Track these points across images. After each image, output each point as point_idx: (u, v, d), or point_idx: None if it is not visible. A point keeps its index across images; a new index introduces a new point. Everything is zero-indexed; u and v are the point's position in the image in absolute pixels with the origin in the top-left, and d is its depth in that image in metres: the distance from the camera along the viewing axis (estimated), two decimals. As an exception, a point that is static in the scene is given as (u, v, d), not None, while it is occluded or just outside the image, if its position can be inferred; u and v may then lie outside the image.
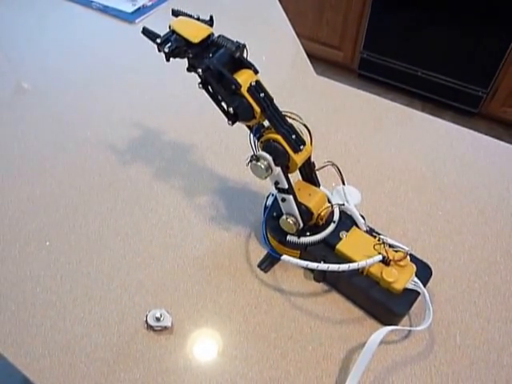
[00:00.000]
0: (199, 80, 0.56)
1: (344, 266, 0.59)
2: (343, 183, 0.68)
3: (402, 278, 0.60)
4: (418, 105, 2.52)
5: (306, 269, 0.68)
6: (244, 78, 0.54)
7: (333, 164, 0.66)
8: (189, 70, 0.56)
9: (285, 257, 0.61)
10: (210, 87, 0.57)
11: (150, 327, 0.61)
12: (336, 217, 0.67)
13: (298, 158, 0.58)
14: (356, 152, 0.87)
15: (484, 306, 0.66)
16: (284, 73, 1.08)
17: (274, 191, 0.69)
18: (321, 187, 0.67)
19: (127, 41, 1.20)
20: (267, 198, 0.71)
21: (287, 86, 1.02)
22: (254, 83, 0.55)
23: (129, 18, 1.25)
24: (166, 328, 0.62)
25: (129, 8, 1.28)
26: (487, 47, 2.08)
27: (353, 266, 0.59)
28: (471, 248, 0.73)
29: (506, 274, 0.69)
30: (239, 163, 0.85)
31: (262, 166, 0.56)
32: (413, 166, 0.84)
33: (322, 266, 0.59)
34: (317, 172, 0.66)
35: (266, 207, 0.70)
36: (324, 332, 0.63)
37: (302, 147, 0.58)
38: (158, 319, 0.61)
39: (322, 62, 2.67)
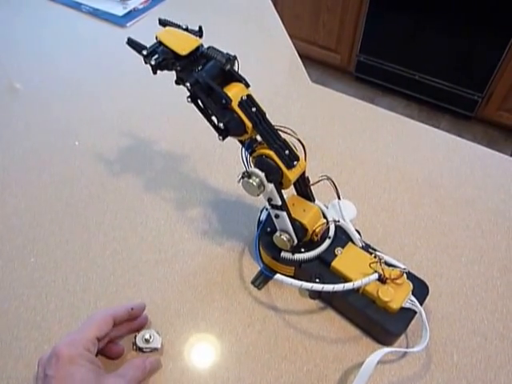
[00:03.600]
0: (188, 94, 0.54)
1: (339, 287, 0.57)
2: (338, 198, 0.67)
3: (398, 296, 0.58)
4: (415, 108, 2.51)
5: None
6: (235, 92, 0.52)
7: (328, 178, 0.64)
8: (177, 82, 0.54)
9: (278, 276, 0.59)
10: (199, 101, 0.54)
11: (138, 349, 0.59)
12: (331, 232, 0.65)
13: (292, 175, 0.56)
14: (352, 163, 0.85)
15: (481, 323, 0.64)
16: (278, 80, 1.06)
17: (268, 206, 0.68)
18: (316, 201, 0.65)
19: (118, 45, 1.16)
20: (261, 212, 0.69)
21: (282, 94, 1.00)
22: (245, 97, 0.53)
23: (120, 21, 1.23)
24: (155, 349, 0.59)
25: (120, 11, 1.26)
26: (483, 52, 2.08)
27: (348, 285, 0.57)
28: (468, 263, 0.71)
29: (503, 289, 0.68)
30: (233, 174, 0.82)
31: (254, 184, 0.54)
32: (409, 177, 0.83)
33: (317, 287, 0.57)
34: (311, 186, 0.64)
35: (259, 222, 0.68)
36: (319, 352, 0.61)
37: (295, 163, 0.56)
38: (147, 341, 0.59)
39: (319, 65, 2.67)
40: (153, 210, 0.77)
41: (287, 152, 0.55)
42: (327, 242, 0.64)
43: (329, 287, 0.56)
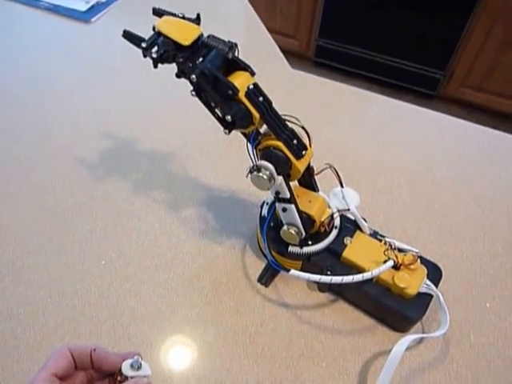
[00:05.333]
0: (188, 86, 0.50)
1: (358, 277, 0.55)
2: (341, 185, 0.65)
3: (414, 282, 0.57)
4: (377, 90, 2.53)
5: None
6: (240, 82, 0.49)
7: (330, 166, 0.62)
8: (178, 76, 0.50)
9: (294, 272, 0.56)
10: (203, 94, 0.51)
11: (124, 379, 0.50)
12: (337, 222, 0.63)
13: (301, 165, 0.54)
14: (343, 149, 0.83)
15: (493, 301, 0.64)
16: (257, 68, 1.03)
17: (269, 199, 0.65)
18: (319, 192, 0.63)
19: (84, 42, 1.11)
20: (261, 207, 0.66)
21: (262, 82, 0.96)
22: (251, 86, 0.50)
23: (83, 17, 1.16)
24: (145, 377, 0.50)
25: (82, 6, 1.19)
26: (443, 30, 2.10)
27: (367, 275, 0.55)
28: (472, 241, 0.71)
29: (510, 266, 0.68)
30: (223, 170, 0.80)
31: (265, 177, 0.51)
32: (403, 159, 0.82)
33: (336, 279, 0.55)
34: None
35: (262, 217, 0.65)
36: (336, 345, 0.60)
37: (304, 153, 0.54)
38: (133, 368, 0.48)
39: (277, 52, 2.63)
40: (145, 214, 0.73)
41: (295, 142, 0.53)
42: (334, 233, 0.63)
43: (348, 278, 0.55)
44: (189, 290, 0.64)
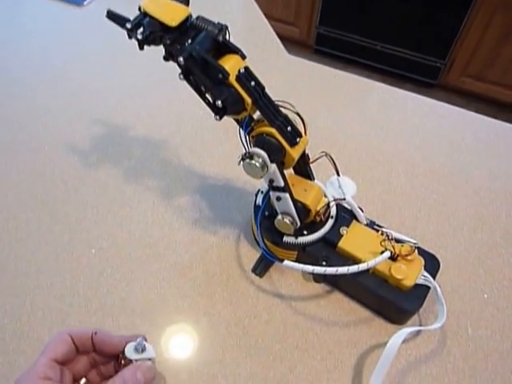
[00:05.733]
0: (179, 70, 0.48)
1: (353, 268, 0.54)
2: (338, 174, 0.63)
3: (411, 273, 0.56)
4: (377, 78, 2.50)
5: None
6: (231, 65, 0.47)
7: (326, 154, 0.60)
8: (166, 58, 0.48)
9: (287, 263, 0.55)
10: (192, 78, 0.49)
11: (129, 362, 0.49)
12: (333, 212, 0.62)
13: (295, 152, 0.52)
14: (341, 137, 0.82)
15: (491, 293, 0.63)
16: (254, 54, 1.01)
17: (264, 188, 0.64)
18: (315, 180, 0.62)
19: (78, 26, 1.09)
20: (256, 195, 0.64)
21: (259, 69, 0.94)
22: (242, 70, 0.48)
23: (76, 0, 1.13)
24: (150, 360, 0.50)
25: (74, -10, 1.16)
26: (444, 18, 2.08)
27: (362, 266, 0.54)
28: (470, 231, 0.69)
29: (509, 256, 0.67)
30: (218, 157, 0.78)
31: (257, 164, 0.50)
32: (401, 148, 0.80)
33: (331, 270, 0.53)
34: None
35: (256, 206, 0.63)
36: (331, 338, 0.58)
37: (298, 140, 0.52)
38: (137, 351, 0.48)
39: (276, 40, 2.60)
40: (137, 202, 0.71)
41: (289, 129, 0.51)
42: (330, 222, 0.61)
43: (343, 270, 0.53)
44: (181, 281, 0.63)
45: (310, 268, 0.54)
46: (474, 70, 2.21)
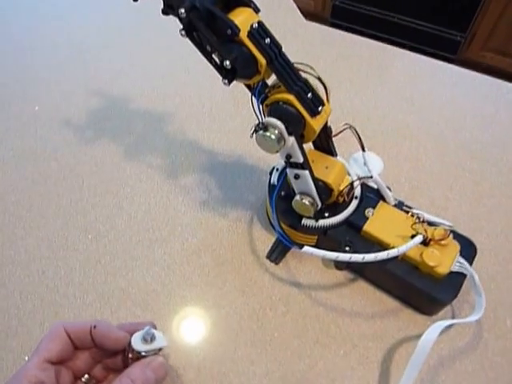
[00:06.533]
0: (181, 26, 0.41)
1: (382, 255, 0.47)
2: (363, 149, 0.56)
3: (445, 260, 0.50)
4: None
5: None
6: (242, 19, 0.40)
7: (350, 127, 0.53)
8: (165, 12, 0.41)
9: (307, 248, 0.48)
10: (196, 34, 0.42)
11: (137, 354, 0.42)
12: (358, 191, 0.55)
13: (316, 124, 0.45)
14: (364, 109, 0.74)
15: (532, 281, 0.56)
16: (270, 19, 0.93)
17: (280, 165, 0.57)
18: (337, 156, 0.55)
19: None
20: (271, 174, 0.58)
21: (275, 34, 0.88)
22: (255, 25, 0.40)
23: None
24: (160, 350, 0.44)
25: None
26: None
27: (392, 253, 0.47)
28: (507, 212, 0.63)
29: (551, 239, 0.60)
30: (228, 132, 0.71)
31: (273, 137, 0.43)
32: (429, 121, 0.73)
33: (356, 257, 0.47)
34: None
35: (271, 185, 0.57)
36: (355, 330, 0.52)
37: (320, 109, 0.45)
38: (146, 341, 0.42)
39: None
40: (139, 181, 0.65)
41: (310, 95, 0.44)
42: (354, 203, 0.54)
43: (370, 257, 0.47)
44: (188, 268, 0.57)
45: (333, 255, 0.47)
46: (495, 44, 2.11)
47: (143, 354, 0.41)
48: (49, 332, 0.39)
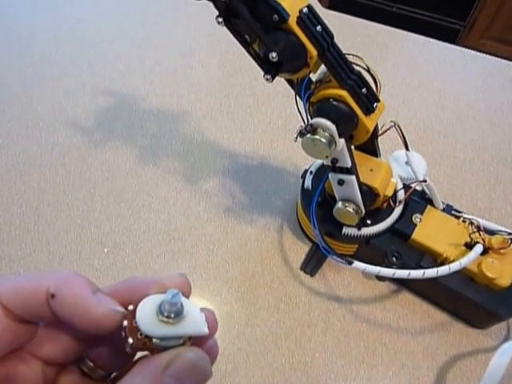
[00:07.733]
0: (217, 12, 0.35)
1: (443, 269, 0.42)
2: (407, 148, 0.51)
3: (506, 270, 0.45)
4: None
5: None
6: (290, 3, 0.34)
7: (395, 124, 0.48)
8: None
9: (358, 264, 0.43)
10: (233, 22, 0.36)
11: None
12: (402, 195, 0.50)
13: (370, 123, 0.40)
14: (393, 102, 0.69)
15: None
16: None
17: (314, 168, 0.52)
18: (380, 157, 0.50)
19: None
20: (303, 177, 0.52)
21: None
22: (305, 10, 0.35)
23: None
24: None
25: None
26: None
27: (454, 266, 0.42)
28: (557, 213, 0.58)
29: None
30: (249, 132, 0.65)
31: (323, 140, 0.37)
32: (465, 115, 0.68)
33: (416, 274, 0.42)
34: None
35: (304, 189, 0.52)
36: (403, 348, 0.48)
37: (375, 105, 0.40)
38: (168, 317, 0.20)
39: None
40: (156, 188, 0.59)
41: (365, 91, 0.38)
42: (399, 209, 0.49)
43: (432, 272, 0.42)
44: (215, 284, 0.51)
45: (390, 272, 0.42)
46: (495, 32, 2.07)
47: (159, 343, 0.21)
48: None
